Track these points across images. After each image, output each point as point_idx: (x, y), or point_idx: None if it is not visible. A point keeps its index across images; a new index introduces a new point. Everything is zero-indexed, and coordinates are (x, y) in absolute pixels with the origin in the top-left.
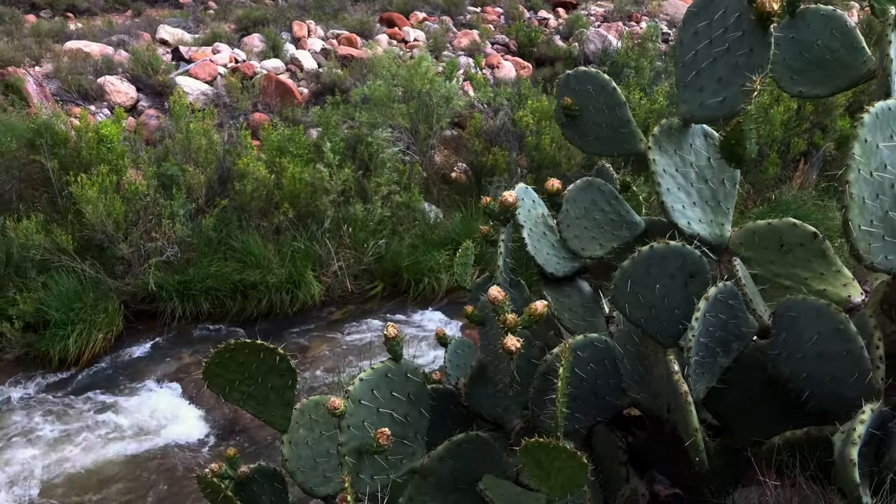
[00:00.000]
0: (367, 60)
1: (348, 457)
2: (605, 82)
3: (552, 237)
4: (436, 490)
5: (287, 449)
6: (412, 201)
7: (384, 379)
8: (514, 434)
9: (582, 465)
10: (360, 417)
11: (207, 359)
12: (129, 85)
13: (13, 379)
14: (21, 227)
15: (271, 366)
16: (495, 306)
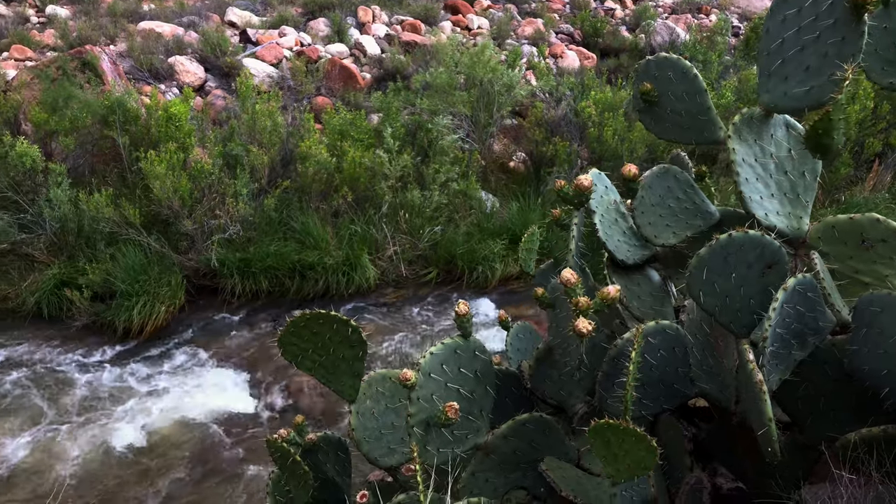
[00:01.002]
0: (430, 47)
1: (417, 428)
2: (687, 69)
3: (623, 224)
4: (497, 467)
5: (354, 419)
6: (469, 189)
7: (453, 355)
8: (577, 418)
9: (651, 448)
10: (429, 390)
11: (283, 327)
12: (197, 65)
13: (80, 346)
14: (92, 200)
15: (343, 337)
16: (567, 288)
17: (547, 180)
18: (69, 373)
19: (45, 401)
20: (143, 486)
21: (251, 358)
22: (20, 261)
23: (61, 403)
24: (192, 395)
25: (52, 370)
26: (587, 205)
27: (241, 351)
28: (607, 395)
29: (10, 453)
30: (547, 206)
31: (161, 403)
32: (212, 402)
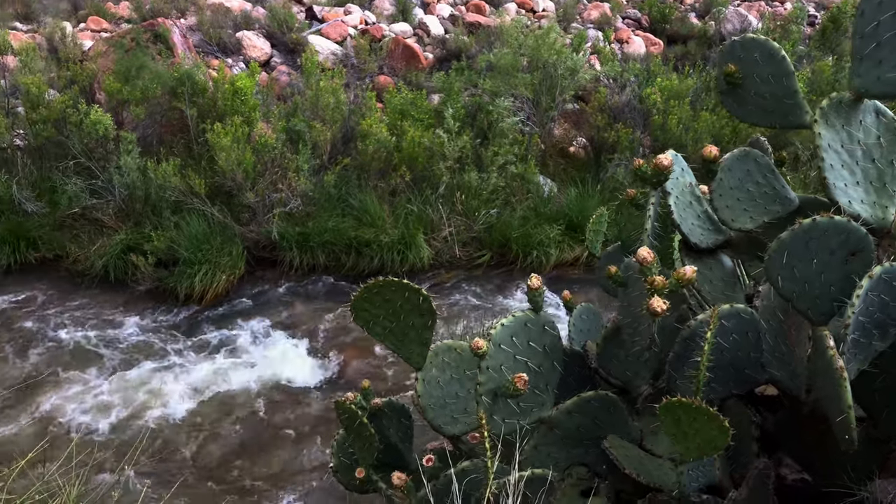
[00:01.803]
0: (494, 28)
1: (485, 397)
2: (774, 50)
3: (697, 207)
4: (560, 442)
5: (420, 386)
6: (528, 173)
7: (523, 328)
8: (641, 399)
9: (724, 428)
10: (498, 361)
11: (356, 292)
12: (264, 41)
13: (143, 309)
14: (160, 169)
15: (414, 305)
16: (643, 267)
17: (607, 167)
18: (132, 334)
19: (107, 358)
20: (196, 445)
21: (306, 329)
22: (90, 225)
23: (122, 361)
24: (247, 362)
25: (115, 330)
26: (663, 186)
27: (296, 322)
28: (677, 375)
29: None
30: (606, 192)
31: (217, 367)
32: (266, 369)
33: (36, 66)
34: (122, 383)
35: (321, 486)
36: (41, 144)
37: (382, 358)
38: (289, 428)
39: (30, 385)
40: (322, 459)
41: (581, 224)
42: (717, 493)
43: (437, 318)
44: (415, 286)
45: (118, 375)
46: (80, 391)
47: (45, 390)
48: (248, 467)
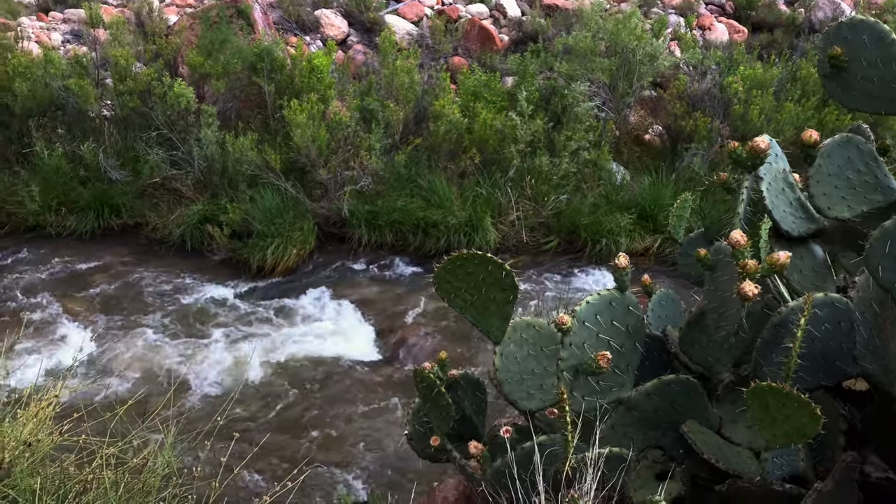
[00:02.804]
0: (572, 11)
1: (566, 373)
2: (884, 33)
3: (790, 194)
4: (638, 424)
5: (498, 360)
6: (600, 159)
7: (608, 306)
8: (721, 386)
9: (815, 416)
10: (581, 338)
11: (440, 264)
12: (341, 19)
13: (217, 278)
14: (238, 142)
15: (497, 279)
16: (735, 250)
17: (683, 156)
18: (205, 302)
19: (179, 324)
20: (261, 412)
21: (370, 305)
22: (169, 195)
23: (196, 328)
24: (313, 334)
25: (189, 297)
26: (756, 171)
27: (361, 298)
28: (764, 362)
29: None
30: (681, 182)
31: (284, 338)
32: (330, 342)
33: (124, 39)
34: (192, 348)
35: (383, 456)
36: (127, 115)
37: (442, 337)
38: (350, 398)
39: (103, 345)
40: (381, 430)
41: (654, 214)
42: (801, 484)
43: (518, 293)
44: (498, 260)
45: (189, 341)
46: (152, 354)
47: (118, 350)
48: (312, 435)
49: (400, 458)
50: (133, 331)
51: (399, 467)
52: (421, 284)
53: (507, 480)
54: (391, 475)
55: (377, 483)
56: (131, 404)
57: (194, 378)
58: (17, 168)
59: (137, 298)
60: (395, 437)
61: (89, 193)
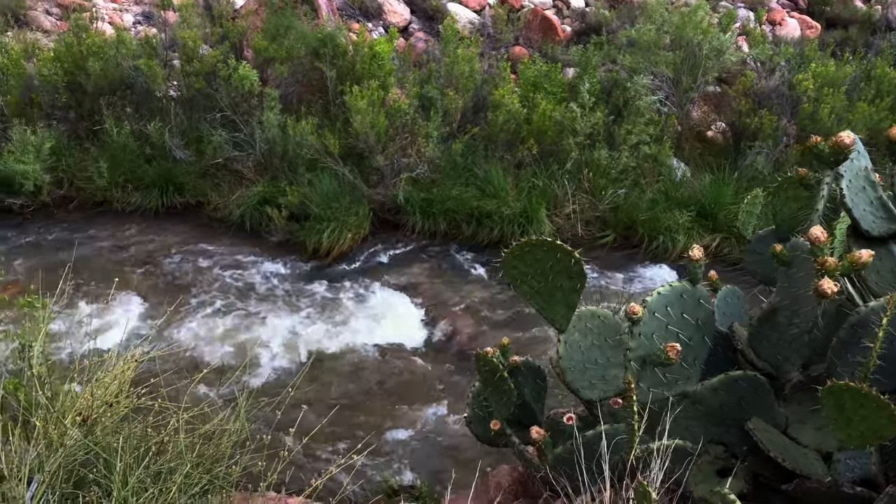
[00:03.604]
0: (636, 3)
1: (634, 363)
2: None
3: (871, 193)
4: (702, 418)
5: (562, 348)
6: (661, 155)
7: (679, 298)
8: (789, 386)
9: (893, 417)
10: (650, 328)
11: (508, 250)
12: (404, 6)
13: (274, 259)
14: (299, 126)
15: (565, 267)
16: (814, 246)
17: (746, 154)
18: (263, 281)
19: (240, 302)
20: (315, 393)
21: (422, 293)
22: (231, 176)
23: (253, 307)
24: (365, 317)
25: (247, 276)
26: (837, 168)
27: (413, 285)
28: (839, 363)
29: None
30: (744, 181)
31: (336, 320)
32: (382, 327)
33: (193, 21)
34: (248, 326)
35: (431, 440)
36: (192, 96)
37: (492, 327)
38: (399, 383)
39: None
40: (430, 415)
41: (714, 212)
42: (871, 488)
43: (586, 281)
44: (567, 248)
45: (246, 319)
46: (210, 330)
47: (179, 324)
48: (360, 417)
49: (448, 444)
50: (192, 306)
51: (447, 453)
52: (472, 273)
53: (568, 467)
54: (439, 460)
55: (425, 467)
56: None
57: (249, 354)
58: (87, 144)
59: (198, 275)
60: (443, 422)
61: (154, 171)
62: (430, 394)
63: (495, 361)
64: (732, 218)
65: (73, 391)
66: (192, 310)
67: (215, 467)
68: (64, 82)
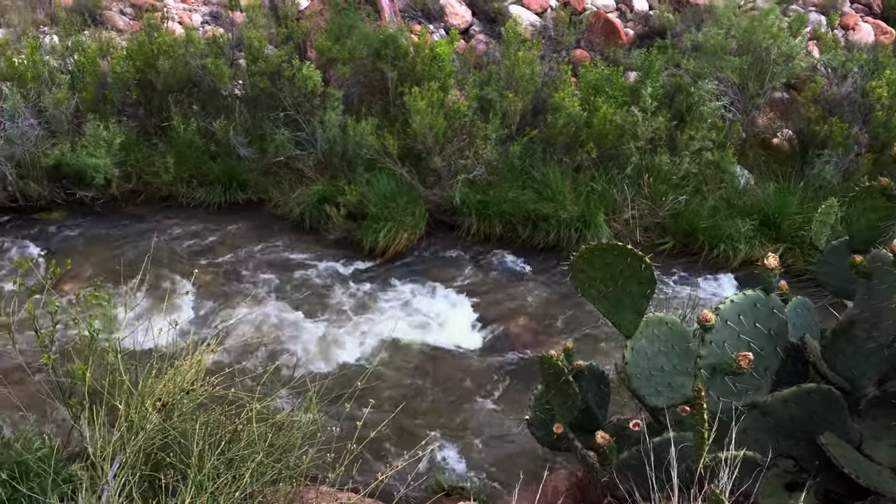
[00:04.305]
0: (702, 6)
1: (704, 370)
2: None
3: None
4: (771, 430)
5: (629, 353)
6: (724, 161)
7: (752, 308)
8: (864, 402)
9: None
10: (722, 337)
11: (577, 253)
12: (466, 9)
13: (332, 257)
14: (359, 127)
15: (634, 272)
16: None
17: (814, 163)
18: (318, 278)
19: (295, 297)
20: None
21: (476, 294)
22: (292, 174)
23: (311, 303)
24: (419, 317)
25: (304, 273)
26: None
27: (467, 286)
28: None
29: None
30: (810, 190)
31: (392, 319)
32: (435, 327)
33: (259, 22)
34: (305, 322)
35: (483, 442)
36: (257, 95)
37: (546, 331)
38: (452, 383)
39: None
40: (482, 417)
41: (778, 221)
42: None
43: (655, 287)
44: (638, 253)
45: (303, 315)
46: (269, 324)
47: (239, 316)
48: (414, 416)
49: (501, 446)
50: (252, 300)
51: (500, 455)
52: (527, 277)
53: (634, 473)
54: (492, 462)
55: (477, 468)
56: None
57: (304, 350)
58: (155, 140)
59: (258, 271)
60: (496, 424)
61: (218, 168)
62: (484, 395)
63: (560, 365)
64: (797, 228)
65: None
66: (252, 303)
67: (285, 457)
68: (135, 80)
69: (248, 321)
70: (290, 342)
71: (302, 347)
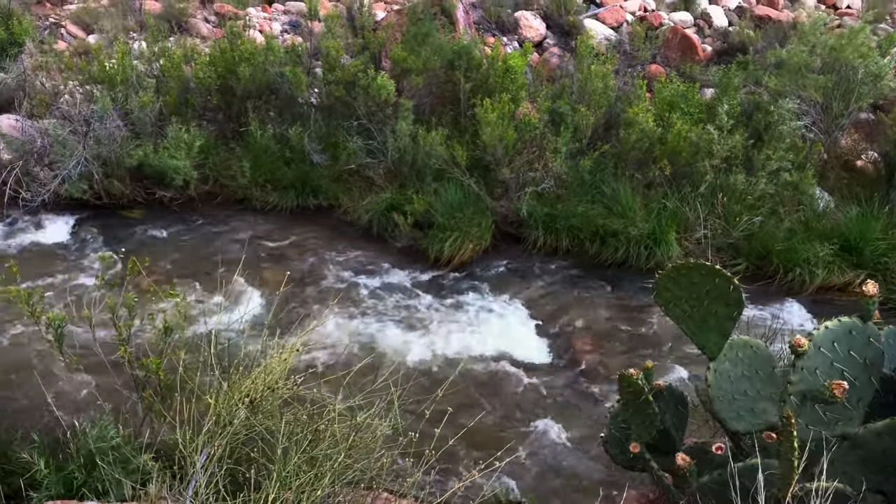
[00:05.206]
0: (785, 24)
1: (793, 397)
2: None
3: None
4: (862, 464)
5: (712, 376)
6: (803, 183)
7: (847, 335)
8: None
9: None
10: (814, 363)
11: (663, 271)
12: (540, 21)
13: (397, 264)
14: (429, 137)
15: (722, 293)
16: None
17: None
18: (386, 286)
19: (359, 302)
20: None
21: (540, 308)
22: (362, 181)
23: (374, 308)
24: (483, 328)
25: (370, 279)
26: None
27: (531, 299)
28: None
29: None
30: (895, 215)
31: (453, 328)
32: (500, 339)
33: (336, 32)
34: (372, 328)
35: (545, 459)
36: (332, 103)
37: (610, 349)
38: (516, 397)
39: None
40: (546, 433)
41: (859, 247)
42: None
43: (743, 309)
44: (727, 274)
45: (370, 320)
46: (336, 328)
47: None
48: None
49: (562, 463)
50: (320, 303)
51: (562, 472)
52: (594, 293)
53: (714, 498)
54: (553, 478)
55: (539, 485)
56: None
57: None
58: (232, 145)
59: (326, 275)
60: (557, 441)
61: (292, 173)
62: (545, 410)
63: (640, 384)
64: (880, 254)
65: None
66: (320, 307)
67: (363, 459)
68: (216, 85)
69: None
70: (356, 347)
71: (366, 352)
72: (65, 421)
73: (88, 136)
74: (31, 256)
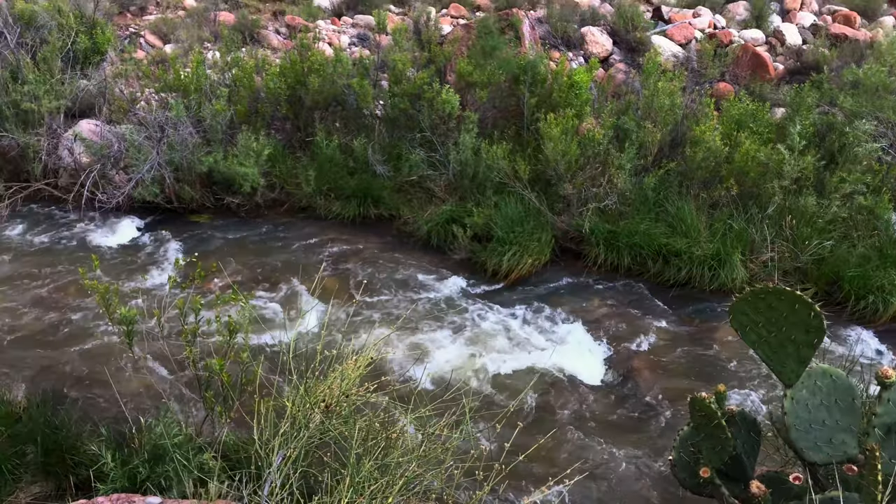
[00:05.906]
0: (862, 42)
1: (878, 429)
2: None
3: None
4: None
5: (789, 404)
6: (878, 207)
7: None
8: None
9: None
10: None
11: (739, 294)
12: (606, 37)
13: (455, 277)
14: (492, 150)
15: (801, 319)
16: None
17: None
18: (443, 297)
19: (421, 312)
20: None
21: (599, 327)
22: (423, 193)
23: (432, 319)
24: (541, 345)
25: (427, 291)
26: None
27: (591, 317)
28: None
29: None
30: None
31: (513, 344)
32: (558, 357)
33: (403, 45)
34: (427, 341)
35: (607, 483)
36: (396, 116)
37: (670, 370)
38: (575, 418)
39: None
40: (606, 456)
41: None
42: None
43: (824, 337)
44: (808, 300)
45: (424, 331)
46: (396, 338)
47: (363, 329)
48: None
49: (618, 485)
50: (381, 313)
51: (618, 495)
52: (654, 313)
53: None
54: (616, 501)
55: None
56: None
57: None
58: (299, 154)
59: (385, 284)
60: (614, 462)
61: (355, 183)
62: (605, 430)
63: (713, 408)
64: None
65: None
66: (381, 315)
67: (435, 469)
68: (286, 96)
69: (377, 333)
70: (414, 358)
71: (426, 364)
72: (131, 416)
73: (162, 142)
74: (103, 256)
